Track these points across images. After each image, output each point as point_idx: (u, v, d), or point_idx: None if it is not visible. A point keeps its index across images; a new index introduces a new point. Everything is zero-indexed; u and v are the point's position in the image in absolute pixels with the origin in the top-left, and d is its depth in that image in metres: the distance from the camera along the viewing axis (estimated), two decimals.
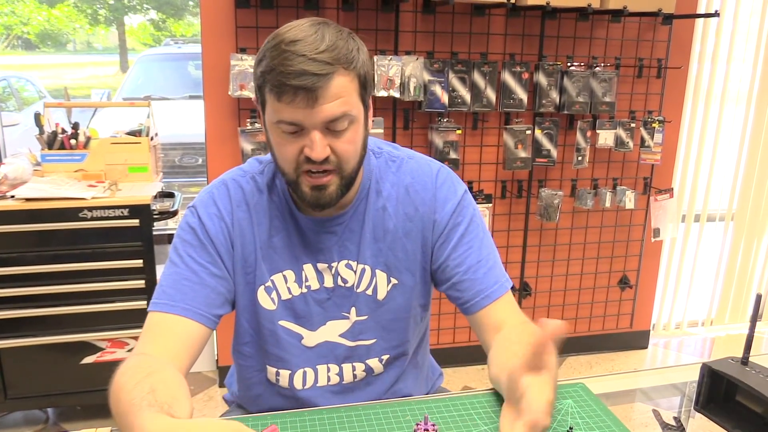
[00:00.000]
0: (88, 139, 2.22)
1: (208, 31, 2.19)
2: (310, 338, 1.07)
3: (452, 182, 1.08)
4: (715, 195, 3.06)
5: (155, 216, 2.09)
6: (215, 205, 1.02)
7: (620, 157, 2.66)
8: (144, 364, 0.85)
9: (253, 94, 2.15)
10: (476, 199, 2.14)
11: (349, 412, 0.94)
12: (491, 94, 2.37)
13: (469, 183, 2.51)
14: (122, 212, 2.02)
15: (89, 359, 2.13)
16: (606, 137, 2.54)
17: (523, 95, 2.40)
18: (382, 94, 2.23)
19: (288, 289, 1.04)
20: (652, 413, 0.98)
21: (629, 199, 2.61)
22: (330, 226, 1.03)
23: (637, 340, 2.96)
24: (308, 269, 1.04)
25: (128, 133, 2.29)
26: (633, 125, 2.55)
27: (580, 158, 2.54)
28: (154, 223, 2.09)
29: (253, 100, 0.97)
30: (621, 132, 2.55)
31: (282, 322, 1.05)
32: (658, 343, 3.04)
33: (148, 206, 2.04)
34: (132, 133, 2.29)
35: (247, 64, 2.14)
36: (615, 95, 2.49)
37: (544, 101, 2.43)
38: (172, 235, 1.14)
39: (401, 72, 2.24)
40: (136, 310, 2.10)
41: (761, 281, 3.27)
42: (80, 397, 2.17)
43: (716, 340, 3.12)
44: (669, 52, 2.58)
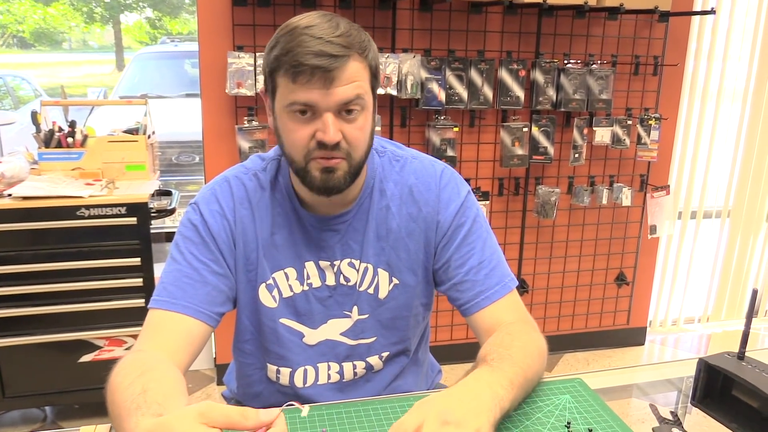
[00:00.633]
0: (85, 137, 2.22)
1: (205, 29, 2.19)
2: (311, 336, 1.07)
3: (456, 183, 1.08)
4: (712, 192, 3.07)
5: (153, 214, 2.09)
6: (217, 201, 1.02)
7: (617, 154, 2.67)
8: (138, 363, 0.85)
9: (250, 92, 2.17)
10: None
11: (348, 408, 0.94)
12: (488, 92, 2.37)
13: (466, 180, 2.50)
14: (119, 210, 2.01)
15: (87, 357, 2.13)
16: (603, 134, 2.55)
17: (519, 93, 2.41)
18: (379, 91, 2.23)
19: (290, 286, 1.04)
20: (649, 408, 0.98)
21: (626, 196, 2.62)
22: (333, 223, 1.03)
23: (634, 336, 2.97)
24: (310, 267, 1.04)
25: (125, 132, 2.30)
26: (629, 122, 2.56)
27: (576, 155, 2.55)
28: (152, 221, 2.09)
29: (260, 91, 0.97)
30: (618, 129, 2.55)
31: (283, 320, 1.05)
32: (654, 340, 3.05)
33: (145, 204, 2.04)
34: (129, 132, 2.29)
35: (244, 62, 2.14)
36: (611, 92, 2.49)
37: (540, 99, 2.44)
38: (169, 233, 1.14)
39: (398, 69, 2.24)
40: (133, 309, 2.10)
41: (757, 277, 3.28)
42: (78, 395, 2.17)
43: (713, 337, 3.13)
44: (665, 50, 2.59)
